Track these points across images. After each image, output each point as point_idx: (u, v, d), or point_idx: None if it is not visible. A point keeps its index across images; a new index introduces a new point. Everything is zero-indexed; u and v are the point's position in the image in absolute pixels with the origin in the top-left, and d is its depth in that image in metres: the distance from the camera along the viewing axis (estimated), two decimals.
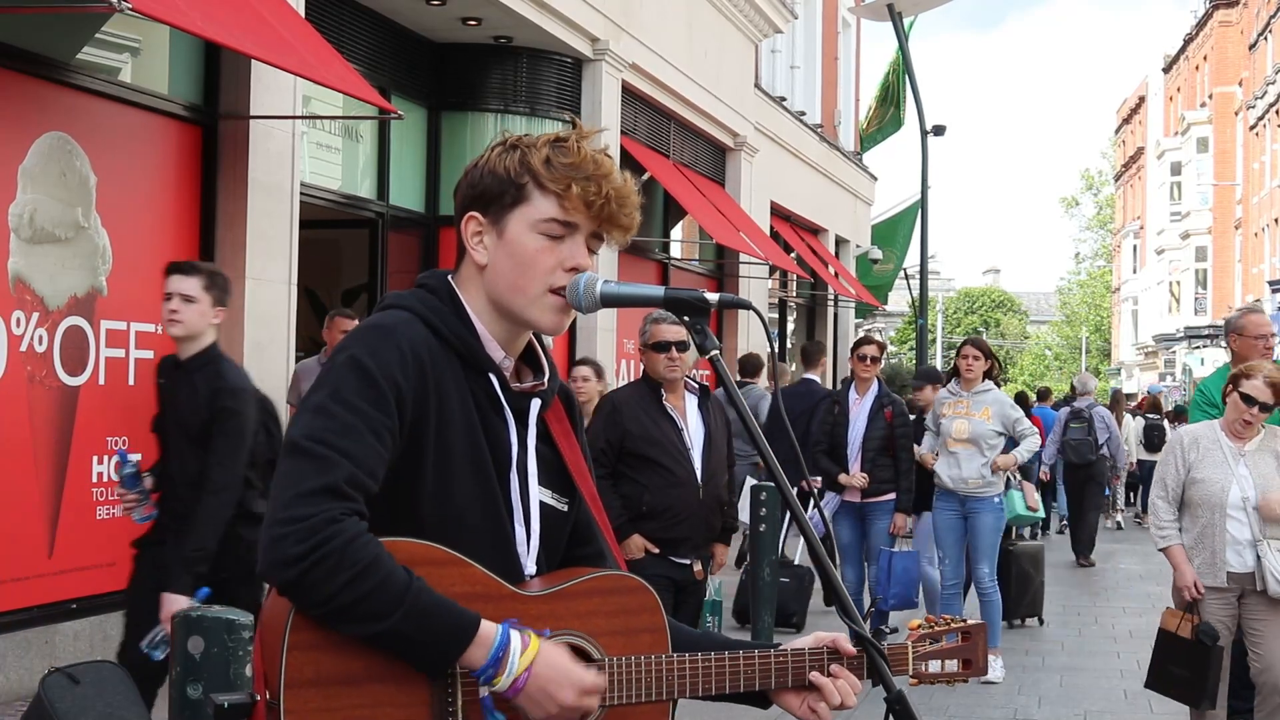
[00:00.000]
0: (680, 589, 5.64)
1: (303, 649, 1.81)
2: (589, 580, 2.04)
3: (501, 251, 2.05)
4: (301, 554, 1.78)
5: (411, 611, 1.80)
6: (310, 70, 7.16)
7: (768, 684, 2.09)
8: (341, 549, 1.79)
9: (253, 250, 8.00)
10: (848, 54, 23.87)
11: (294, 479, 1.84)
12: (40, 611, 6.66)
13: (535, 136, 2.09)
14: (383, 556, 1.81)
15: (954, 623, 2.28)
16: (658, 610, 2.08)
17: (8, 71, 6.62)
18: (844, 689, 2.11)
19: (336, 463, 1.84)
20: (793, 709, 2.13)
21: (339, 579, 1.78)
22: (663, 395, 5.63)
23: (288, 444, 1.89)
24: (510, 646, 1.85)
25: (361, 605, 1.79)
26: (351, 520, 1.82)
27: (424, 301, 2.05)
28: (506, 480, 2.05)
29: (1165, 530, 5.70)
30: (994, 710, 7.47)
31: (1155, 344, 52.30)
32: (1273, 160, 39.92)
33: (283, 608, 1.84)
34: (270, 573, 1.82)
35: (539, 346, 2.17)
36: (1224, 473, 5.57)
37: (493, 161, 2.06)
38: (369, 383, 1.91)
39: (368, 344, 1.95)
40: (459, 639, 1.83)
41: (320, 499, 1.82)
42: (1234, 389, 5.58)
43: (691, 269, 16.20)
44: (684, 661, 2.04)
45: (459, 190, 2.11)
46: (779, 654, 2.10)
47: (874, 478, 8.59)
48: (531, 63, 11.64)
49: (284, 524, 1.80)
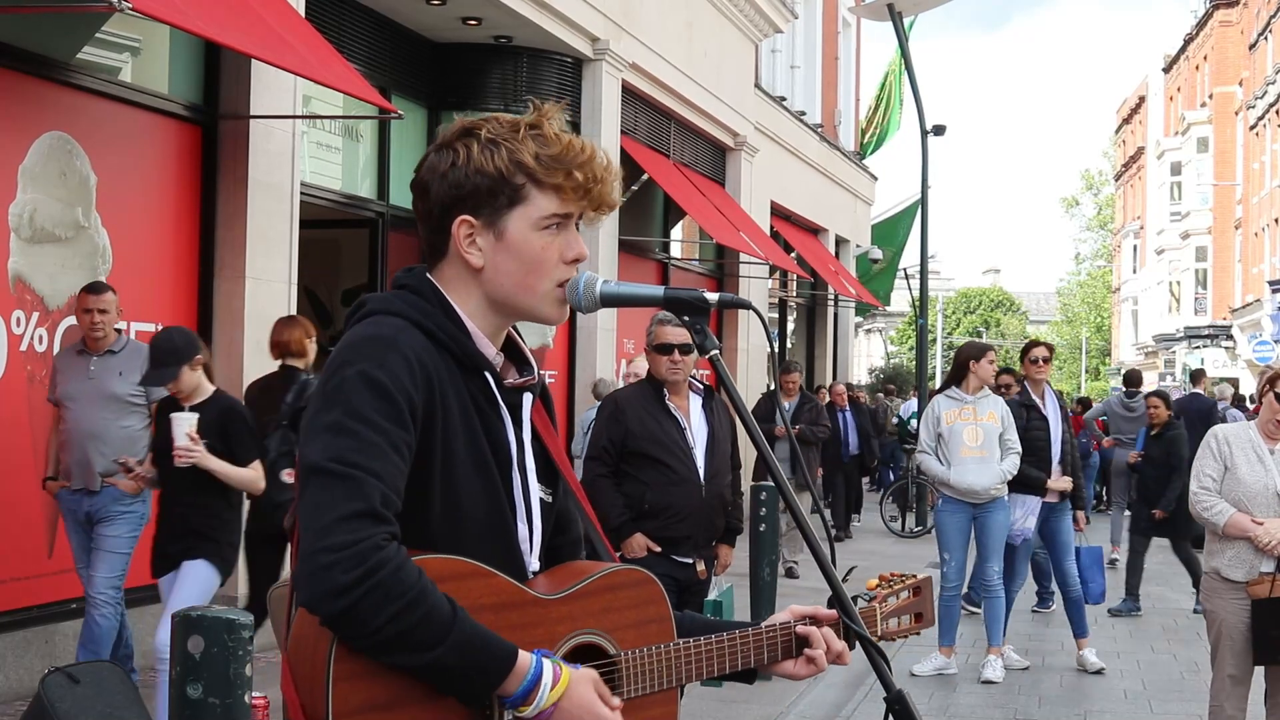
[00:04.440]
0: (683, 588, 5.64)
1: (347, 679, 1.79)
2: (602, 578, 2.06)
3: (503, 254, 2.02)
4: (351, 583, 1.74)
5: (456, 643, 1.79)
6: (310, 70, 7.16)
7: (762, 659, 2.18)
8: (391, 578, 1.76)
9: (253, 250, 8.00)
10: (848, 54, 23.88)
11: (328, 504, 1.79)
12: (40, 611, 6.66)
13: (502, 126, 2.02)
14: (427, 584, 1.79)
15: (906, 578, 2.41)
16: (663, 600, 2.12)
17: (8, 71, 6.62)
18: (833, 639, 2.20)
19: (368, 484, 1.80)
20: (789, 672, 2.21)
21: (388, 610, 1.75)
22: (665, 395, 5.64)
23: (310, 466, 1.83)
24: (542, 679, 1.86)
25: (409, 636, 1.77)
26: (393, 546, 1.79)
27: (413, 305, 2.01)
28: (509, 479, 2.05)
29: (1217, 506, 5.63)
30: (994, 710, 7.46)
31: (1155, 344, 52.29)
32: (1273, 160, 39.92)
33: (318, 636, 1.80)
34: (318, 603, 1.77)
35: (518, 338, 2.16)
36: (1258, 471, 5.59)
37: (478, 160, 2.00)
38: (384, 398, 1.87)
39: (374, 356, 1.90)
40: (499, 670, 1.83)
41: (361, 524, 1.77)
42: (1269, 390, 5.62)
43: (691, 269, 16.20)
44: (690, 647, 2.09)
45: (429, 190, 2.03)
46: (769, 630, 2.18)
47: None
48: (531, 62, 11.65)
49: (328, 552, 1.75)
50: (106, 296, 6.35)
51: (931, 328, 42.23)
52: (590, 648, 2.00)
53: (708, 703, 7.09)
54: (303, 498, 1.83)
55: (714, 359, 2.06)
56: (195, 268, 7.97)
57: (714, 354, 2.06)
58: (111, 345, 6.37)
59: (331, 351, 2.01)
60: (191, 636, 3.36)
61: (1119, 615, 10.50)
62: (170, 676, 3.48)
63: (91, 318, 6.28)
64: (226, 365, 7.97)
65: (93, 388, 6.32)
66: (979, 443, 8.14)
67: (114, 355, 6.37)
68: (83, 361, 6.37)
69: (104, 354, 6.35)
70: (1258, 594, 5.59)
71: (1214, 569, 5.71)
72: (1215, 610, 5.70)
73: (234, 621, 3.38)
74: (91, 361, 6.35)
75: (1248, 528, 5.53)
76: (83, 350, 6.39)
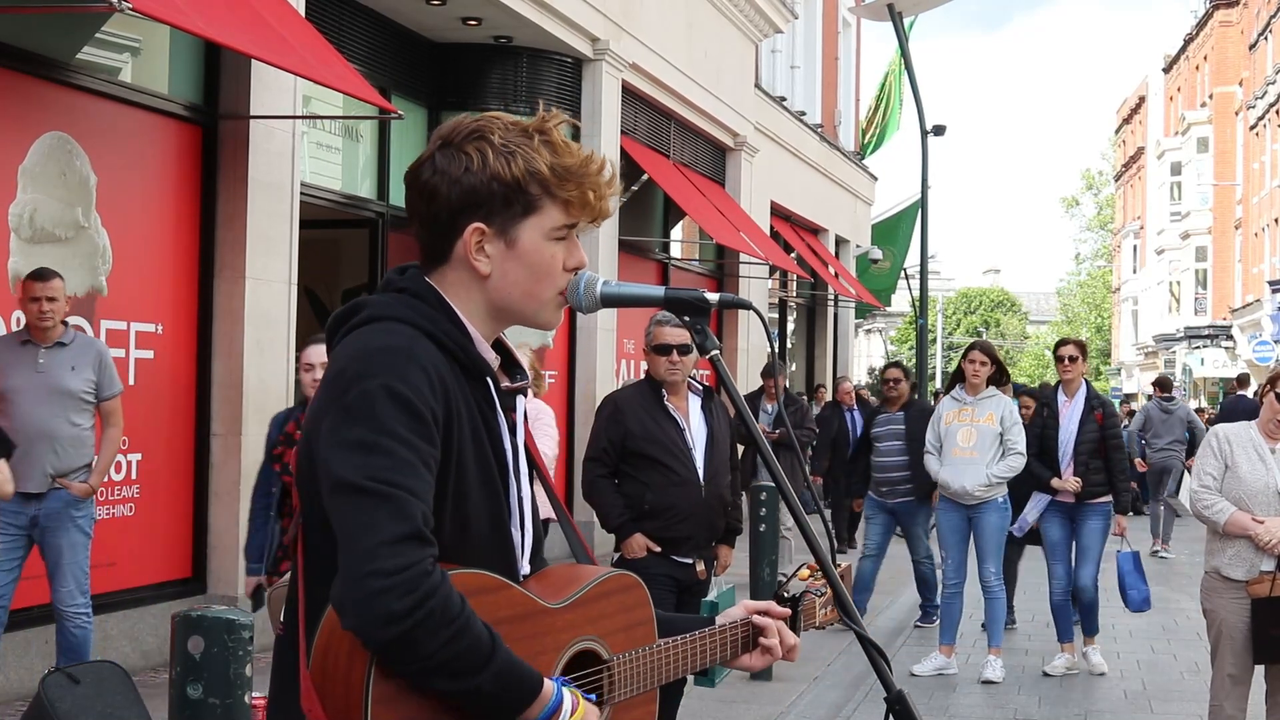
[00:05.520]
0: (683, 589, 5.63)
1: (385, 701, 1.79)
2: (599, 584, 2.08)
3: (513, 262, 2.01)
4: (405, 611, 1.72)
5: (495, 671, 1.80)
6: (310, 70, 7.16)
7: (727, 655, 2.25)
8: (441, 606, 1.75)
9: (253, 250, 8.00)
10: (848, 54, 23.88)
11: (372, 525, 1.75)
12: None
13: (512, 131, 2.00)
14: (469, 611, 1.79)
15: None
16: (649, 603, 2.17)
17: (8, 71, 6.62)
18: (786, 632, 2.30)
19: (411, 504, 1.78)
20: (747, 665, 2.30)
21: (441, 637, 1.75)
22: (664, 395, 5.64)
23: (343, 484, 1.79)
24: (563, 708, 1.88)
25: (455, 663, 1.77)
26: (439, 571, 1.78)
27: (417, 310, 1.98)
28: (507, 484, 2.05)
29: (1218, 505, 5.63)
30: (994, 710, 7.46)
31: (1155, 344, 52.28)
32: (1273, 160, 39.92)
33: (352, 656, 1.79)
34: (370, 630, 1.73)
35: (506, 341, 2.16)
36: (1259, 470, 5.59)
37: (494, 167, 1.97)
38: (411, 413, 1.84)
39: (395, 369, 1.86)
40: (527, 697, 1.85)
41: (409, 548, 1.75)
42: (1270, 389, 5.63)
43: (691, 269, 16.20)
44: (669, 648, 2.14)
45: (437, 193, 1.99)
46: (731, 626, 2.26)
47: (1086, 481, 8.31)
48: (531, 62, 11.65)
49: (379, 576, 1.72)
50: (54, 284, 6.00)
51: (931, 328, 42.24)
52: (588, 653, 2.04)
53: (707, 703, 7.09)
54: (339, 516, 1.80)
55: (714, 359, 2.06)
56: (195, 268, 7.97)
57: (714, 354, 2.06)
58: (60, 337, 6.06)
59: (332, 357, 1.97)
60: (191, 637, 3.36)
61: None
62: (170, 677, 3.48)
63: (40, 306, 5.94)
64: (226, 365, 7.98)
65: (41, 381, 5.97)
66: (971, 444, 8.13)
67: (64, 348, 6.05)
68: (28, 353, 6.00)
69: (53, 346, 6.03)
70: (1257, 593, 5.59)
71: (1214, 568, 5.71)
72: (1215, 609, 5.70)
73: (234, 621, 3.38)
74: (40, 353, 6.00)
75: (1248, 526, 5.53)
76: (28, 340, 6.04)
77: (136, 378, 7.41)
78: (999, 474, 8.12)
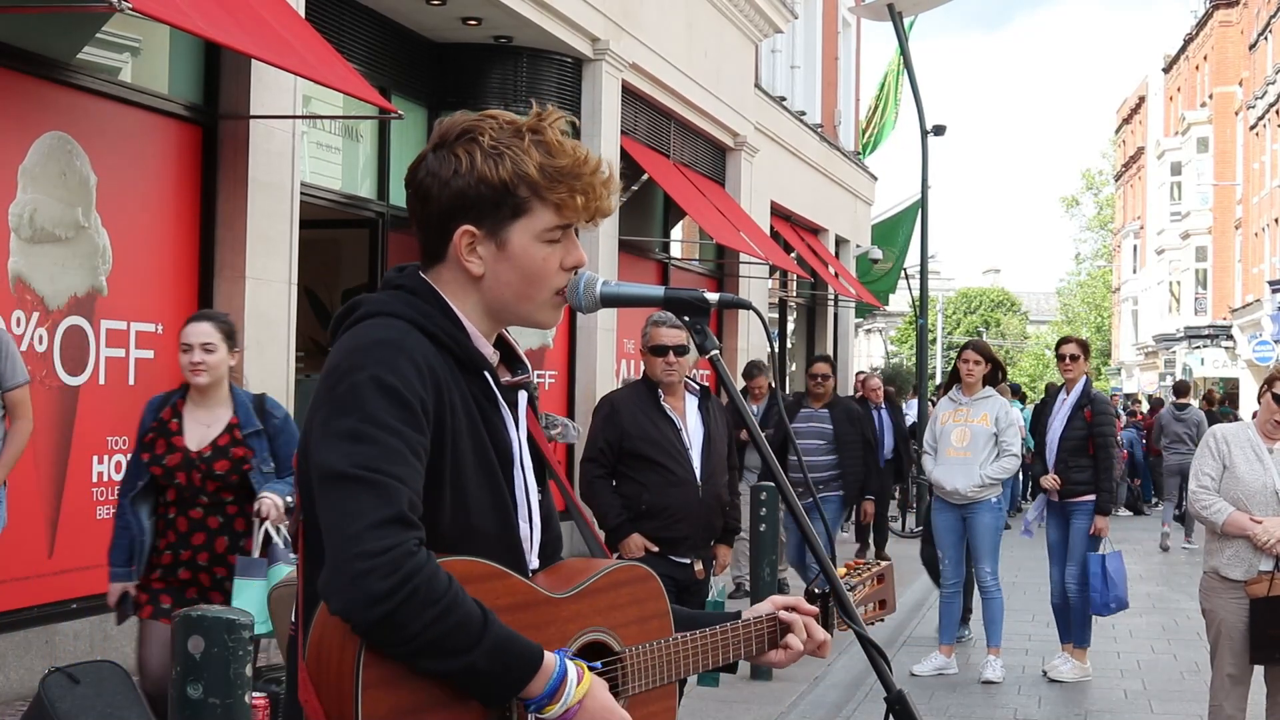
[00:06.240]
0: (682, 589, 5.64)
1: (376, 686, 1.79)
2: (607, 575, 2.07)
3: (505, 264, 2.02)
4: (388, 591, 1.73)
5: (489, 647, 1.80)
6: (310, 70, 7.16)
7: (751, 650, 2.22)
8: (426, 584, 1.76)
9: (253, 250, 8.00)
10: (848, 54, 23.88)
11: (357, 511, 1.78)
12: (40, 611, 6.66)
13: (504, 130, 2.00)
14: (458, 588, 1.80)
15: (871, 566, 2.48)
16: (663, 595, 2.15)
17: (8, 71, 6.62)
18: (815, 628, 2.26)
19: (396, 490, 1.80)
20: (773, 661, 2.26)
21: (426, 616, 1.75)
22: (660, 396, 5.64)
23: (331, 473, 1.82)
24: (568, 679, 1.88)
25: (444, 642, 1.78)
26: (424, 551, 1.79)
27: (412, 306, 1.99)
28: (511, 478, 2.05)
29: (1216, 505, 5.63)
30: (994, 710, 7.47)
31: (1155, 344, 52.28)
32: (1273, 160, 39.92)
33: (344, 643, 1.80)
34: (354, 611, 1.76)
35: (509, 336, 2.16)
36: (1257, 470, 5.60)
37: (481, 170, 1.98)
38: (399, 403, 1.86)
39: (384, 361, 1.88)
40: (528, 671, 1.84)
41: (393, 530, 1.77)
42: (1268, 390, 5.64)
43: (691, 269, 16.20)
44: (687, 642, 2.12)
45: (429, 195, 2.01)
46: (756, 621, 2.22)
47: (1069, 479, 8.23)
48: (531, 62, 11.65)
49: (363, 558, 1.74)
50: None
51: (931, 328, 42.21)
52: (597, 645, 2.02)
53: (708, 703, 7.09)
54: (325, 504, 1.82)
55: (714, 359, 2.07)
56: (195, 268, 7.96)
57: (714, 354, 2.07)
58: None
59: (330, 353, 1.98)
60: (191, 636, 3.36)
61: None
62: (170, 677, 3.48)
63: None
64: None
65: None
66: (964, 444, 8.14)
67: None
68: None
69: None
70: (1256, 593, 5.60)
71: (1213, 568, 5.72)
72: (1214, 609, 5.71)
73: (234, 621, 3.38)
74: None
75: (1246, 526, 5.53)
76: None
77: (136, 378, 7.40)
78: (993, 475, 8.12)
